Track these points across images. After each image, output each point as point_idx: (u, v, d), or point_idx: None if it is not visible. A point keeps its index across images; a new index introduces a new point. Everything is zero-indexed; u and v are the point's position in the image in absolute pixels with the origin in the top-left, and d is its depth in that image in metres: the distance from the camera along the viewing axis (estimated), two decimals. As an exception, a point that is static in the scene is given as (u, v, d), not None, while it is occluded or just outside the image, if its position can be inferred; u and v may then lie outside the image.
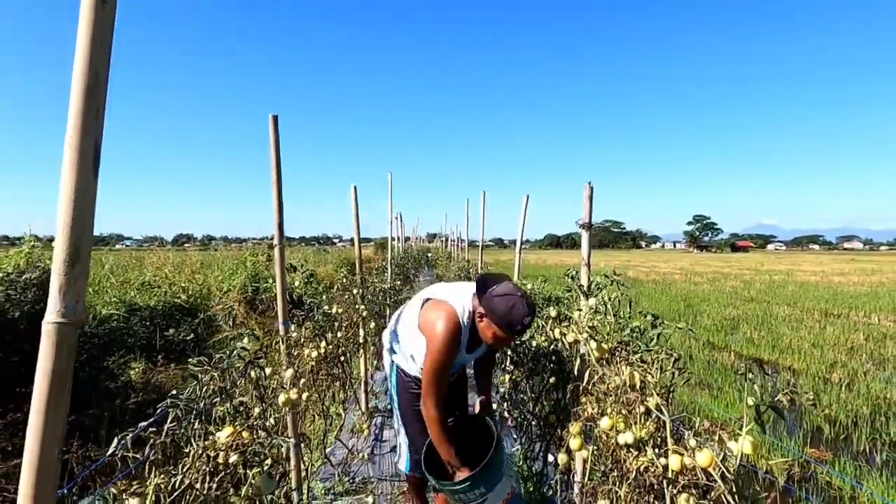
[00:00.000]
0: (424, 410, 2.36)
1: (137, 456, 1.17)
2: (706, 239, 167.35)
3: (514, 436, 3.94)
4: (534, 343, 2.99)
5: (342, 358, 3.41)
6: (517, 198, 4.89)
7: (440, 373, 2.29)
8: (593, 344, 2.03)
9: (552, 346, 2.82)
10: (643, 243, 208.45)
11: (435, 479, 2.32)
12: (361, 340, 4.24)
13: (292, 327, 2.63)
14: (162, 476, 1.10)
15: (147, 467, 1.13)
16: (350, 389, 3.96)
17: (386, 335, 2.73)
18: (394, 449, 3.70)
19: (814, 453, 5.03)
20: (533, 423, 3.06)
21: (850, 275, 30.44)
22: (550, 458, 2.92)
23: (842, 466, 4.61)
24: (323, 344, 2.84)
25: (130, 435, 1.18)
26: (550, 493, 2.99)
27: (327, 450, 3.54)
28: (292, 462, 2.35)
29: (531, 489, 3.10)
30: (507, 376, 3.78)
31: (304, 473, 2.45)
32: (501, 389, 4.07)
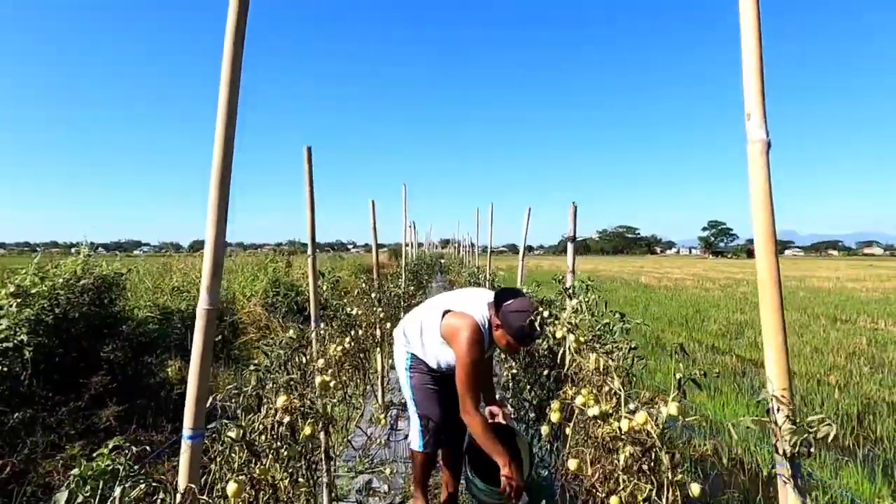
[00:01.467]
0: (466, 417, 2.62)
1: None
2: (721, 245, 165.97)
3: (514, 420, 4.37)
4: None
5: (362, 354, 3.87)
6: (533, 203, 5.34)
7: (473, 377, 2.59)
8: (572, 337, 2.47)
9: (545, 342, 3.25)
10: (658, 249, 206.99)
11: (480, 480, 2.69)
12: (378, 339, 4.70)
13: (322, 325, 3.09)
14: (248, 422, 1.54)
15: (242, 412, 1.56)
16: (368, 383, 4.42)
17: (399, 332, 3.00)
18: (407, 437, 4.15)
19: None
20: (528, 408, 3.49)
21: (864, 281, 30.36)
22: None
23: (822, 460, 4.97)
24: (347, 340, 3.29)
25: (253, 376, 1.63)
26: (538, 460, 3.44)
27: (349, 436, 3.99)
28: (322, 438, 2.80)
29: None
30: (508, 370, 4.21)
31: (330, 450, 2.89)
32: (502, 380, 4.50)
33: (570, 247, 2.88)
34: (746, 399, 6.84)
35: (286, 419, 1.76)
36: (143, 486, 1.09)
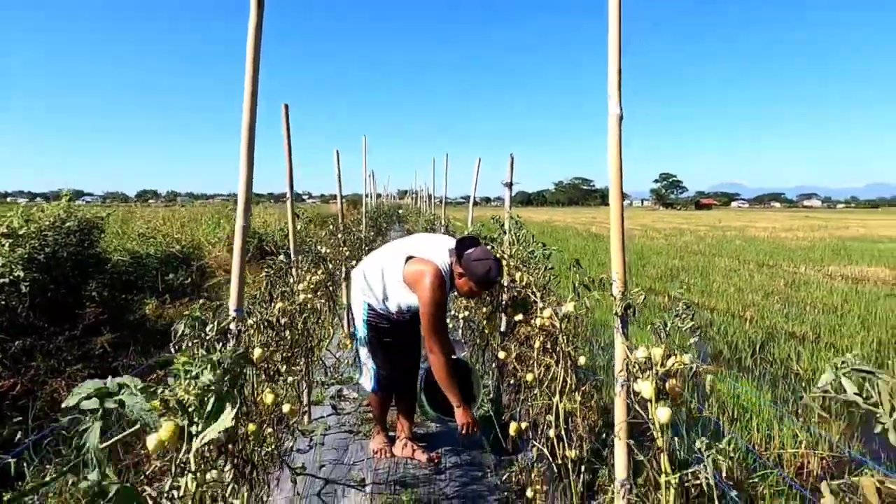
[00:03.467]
0: (431, 356, 2.75)
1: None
2: (672, 196, 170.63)
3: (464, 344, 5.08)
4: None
5: (331, 286, 4.45)
6: (493, 155, 5.91)
7: (439, 321, 2.73)
8: (510, 262, 3.11)
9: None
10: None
11: (433, 409, 2.97)
12: (344, 275, 5.27)
13: (300, 258, 3.63)
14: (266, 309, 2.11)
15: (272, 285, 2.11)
16: (336, 314, 5.01)
17: (358, 275, 3.02)
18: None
19: (707, 368, 6.32)
20: (477, 334, 4.17)
21: (797, 231, 32.34)
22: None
23: (724, 375, 5.89)
24: (320, 272, 3.85)
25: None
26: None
27: (321, 355, 4.60)
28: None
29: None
30: (465, 303, 4.87)
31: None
32: (460, 315, 5.16)
33: (507, 192, 3.48)
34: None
35: (286, 313, 2.34)
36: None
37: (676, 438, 2.40)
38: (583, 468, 2.04)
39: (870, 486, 0.65)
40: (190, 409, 1.06)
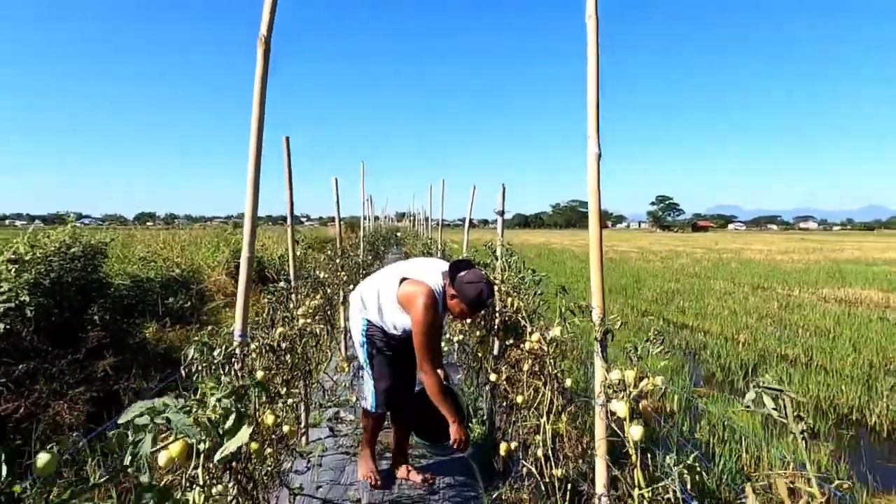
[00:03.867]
0: (424, 377, 2.81)
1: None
2: (669, 219, 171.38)
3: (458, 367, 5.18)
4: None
5: (330, 310, 4.56)
6: (486, 179, 6.09)
7: (430, 340, 2.78)
8: (502, 287, 3.23)
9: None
10: (609, 223, 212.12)
11: (423, 440, 3.17)
12: (342, 299, 5.38)
13: (299, 283, 3.75)
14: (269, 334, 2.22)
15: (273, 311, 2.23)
16: (333, 338, 5.12)
17: (356, 297, 3.08)
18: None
19: (699, 391, 6.41)
20: (471, 357, 4.27)
21: (792, 253, 32.58)
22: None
23: (714, 399, 5.98)
24: (318, 296, 3.97)
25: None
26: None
27: (319, 378, 4.70)
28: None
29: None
30: (458, 326, 4.98)
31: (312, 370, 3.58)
32: (454, 339, 5.27)
33: (499, 220, 3.62)
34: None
35: (286, 338, 2.45)
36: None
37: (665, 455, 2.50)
38: (569, 486, 2.14)
39: (782, 484, 0.76)
40: (218, 427, 1.18)
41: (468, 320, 3.72)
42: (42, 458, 0.85)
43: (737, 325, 10.10)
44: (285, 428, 2.33)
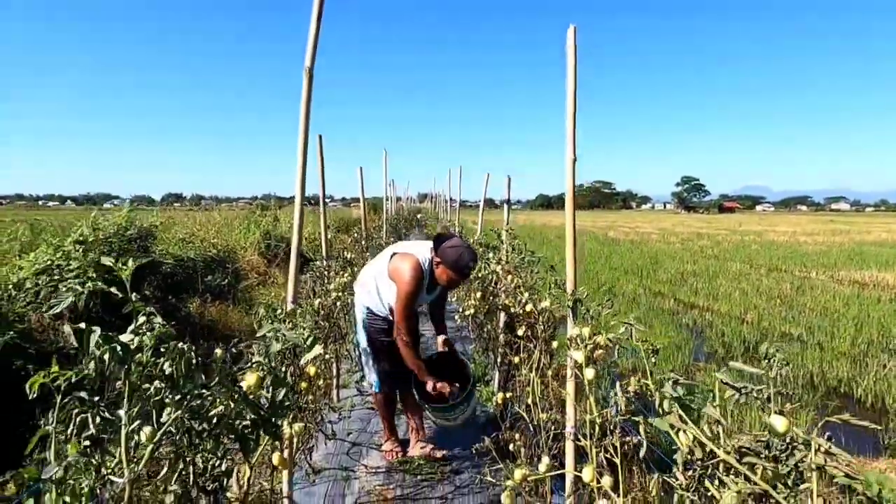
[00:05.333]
0: (399, 337, 2.97)
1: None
2: (695, 200, 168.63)
3: (472, 340, 5.71)
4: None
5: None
6: (511, 158, 6.52)
7: (409, 307, 2.96)
8: (505, 266, 3.74)
9: (493, 278, 4.52)
10: (633, 204, 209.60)
11: (426, 403, 3.16)
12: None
13: (331, 262, 4.31)
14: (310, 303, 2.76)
15: (314, 283, 2.77)
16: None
17: (357, 283, 3.28)
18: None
19: (698, 366, 6.87)
20: (482, 331, 4.79)
21: (817, 235, 32.23)
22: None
23: (709, 373, 6.43)
24: (346, 274, 4.52)
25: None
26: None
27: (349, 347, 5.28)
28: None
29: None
30: (470, 302, 5.49)
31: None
32: (467, 313, 5.79)
33: (505, 207, 4.12)
34: (669, 329, 8.29)
35: (323, 307, 3.00)
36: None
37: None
38: (552, 426, 2.66)
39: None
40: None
41: (460, 287, 4.02)
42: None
43: (745, 306, 10.42)
44: (320, 381, 2.89)
